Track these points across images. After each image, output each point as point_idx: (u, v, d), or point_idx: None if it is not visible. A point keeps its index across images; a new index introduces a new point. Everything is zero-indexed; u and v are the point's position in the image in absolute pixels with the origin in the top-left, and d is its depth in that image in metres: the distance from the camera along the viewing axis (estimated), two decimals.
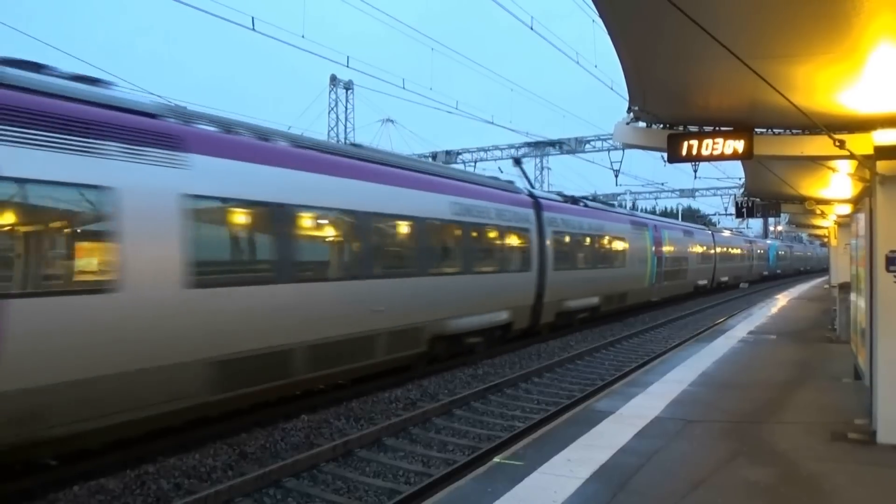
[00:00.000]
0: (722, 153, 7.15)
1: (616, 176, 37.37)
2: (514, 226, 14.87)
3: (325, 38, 21.73)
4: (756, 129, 7.21)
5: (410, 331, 11.14)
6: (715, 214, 63.06)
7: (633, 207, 57.76)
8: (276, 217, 8.55)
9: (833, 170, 9.02)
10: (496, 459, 6.33)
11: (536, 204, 16.34)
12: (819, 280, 44.77)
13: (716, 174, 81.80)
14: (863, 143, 6.63)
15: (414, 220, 11.29)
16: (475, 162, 39.10)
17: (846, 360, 10.79)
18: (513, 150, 40.80)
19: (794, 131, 7.21)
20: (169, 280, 7.07)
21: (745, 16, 4.60)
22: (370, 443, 8.34)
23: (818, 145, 6.92)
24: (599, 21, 4.99)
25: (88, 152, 6.44)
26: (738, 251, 42.60)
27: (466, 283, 12.73)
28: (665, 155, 7.44)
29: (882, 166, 6.59)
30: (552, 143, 39.01)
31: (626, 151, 35.49)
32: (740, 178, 25.47)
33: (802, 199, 15.43)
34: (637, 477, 5.74)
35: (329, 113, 47.96)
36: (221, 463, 7.54)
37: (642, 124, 7.67)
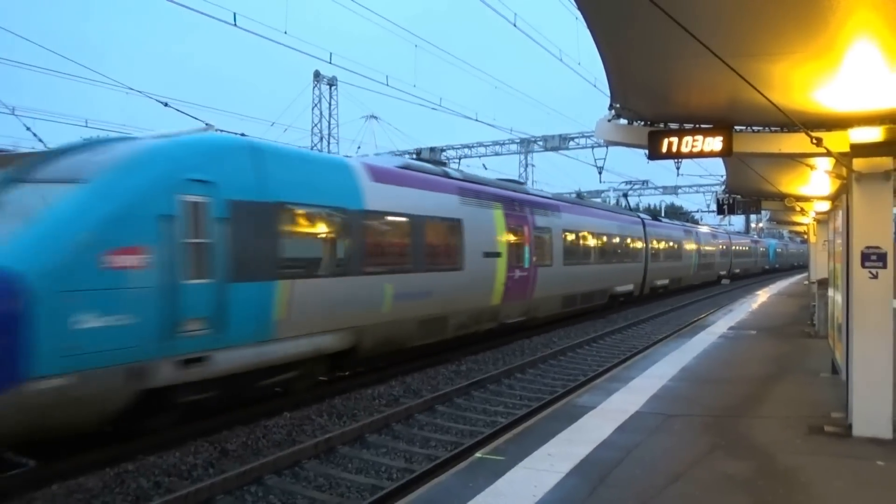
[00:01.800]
0: (702, 150, 7.23)
1: (599, 173, 37.79)
2: (634, 236, 25.67)
3: (309, 35, 21.65)
4: (735, 127, 7.29)
5: (600, 292, 21.59)
6: (697, 211, 63.69)
7: (622, 204, 58.16)
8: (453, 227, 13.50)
9: (811, 167, 9.14)
10: (478, 455, 6.36)
11: (643, 222, 27.80)
12: (800, 276, 45.33)
13: (698, 171, 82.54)
14: (839, 141, 6.73)
15: (602, 234, 21.91)
16: (459, 159, 39.18)
17: (824, 355, 10.96)
18: (497, 147, 40.91)
19: (772, 129, 7.29)
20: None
21: (724, 14, 4.65)
22: (352, 439, 8.34)
23: (796, 143, 7.01)
24: (583, 19, 5.02)
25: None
26: (747, 248, 54.81)
27: (622, 267, 23.69)
28: (647, 152, 7.55)
29: (858, 164, 6.71)
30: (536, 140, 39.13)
31: (610, 148, 35.83)
32: (722, 176, 25.75)
33: (782, 197, 15.61)
34: (616, 471, 5.80)
35: (313, 109, 47.72)
36: (202, 461, 7.50)
37: (624, 121, 7.73)
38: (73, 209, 6.80)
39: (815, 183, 12.96)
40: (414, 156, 40.23)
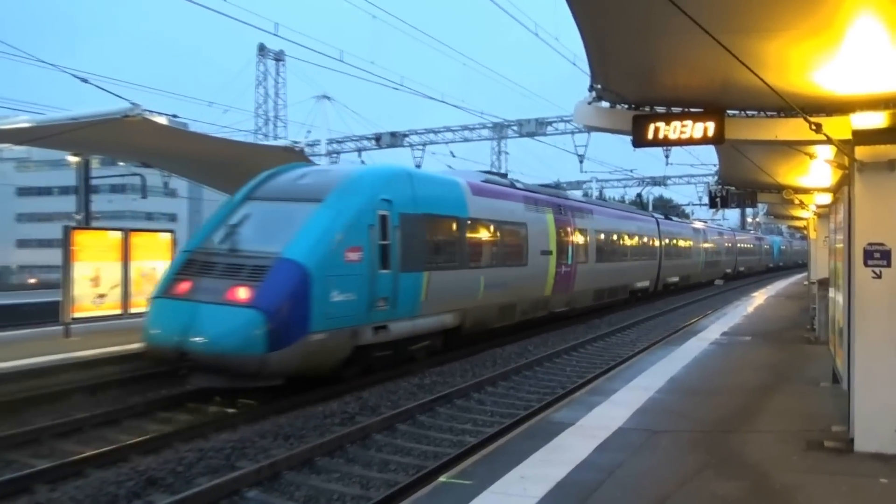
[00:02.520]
0: (691, 137, 7.32)
1: (581, 161, 38.15)
2: (650, 235, 30.54)
3: (252, 2, 21.35)
4: (728, 111, 7.40)
5: (622, 287, 26.00)
6: (688, 204, 64.78)
7: (601, 195, 58.85)
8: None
9: (811, 156, 9.32)
10: (442, 479, 6.35)
11: (657, 221, 32.93)
12: (800, 275, 46.37)
13: (689, 160, 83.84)
14: (840, 127, 6.87)
15: (626, 234, 26.72)
16: (424, 145, 39.15)
17: (825, 363, 11.20)
18: (467, 132, 40.99)
19: (768, 113, 7.42)
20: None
21: None
22: (300, 463, 8.26)
23: (794, 129, 7.14)
24: None
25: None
26: (751, 246, 60.59)
27: (641, 265, 28.51)
28: (631, 138, 7.61)
29: (860, 152, 6.84)
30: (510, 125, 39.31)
31: (592, 135, 36.16)
32: (715, 165, 26.19)
33: (780, 188, 15.91)
34: (597, 494, 5.84)
35: (257, 87, 47.18)
36: (126, 491, 7.35)
37: (605, 104, 7.79)
38: (325, 222, 11.30)
39: (815, 173, 13.22)
40: (374, 141, 40.12)
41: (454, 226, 14.98)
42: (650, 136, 7.30)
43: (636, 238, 28.51)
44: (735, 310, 23.37)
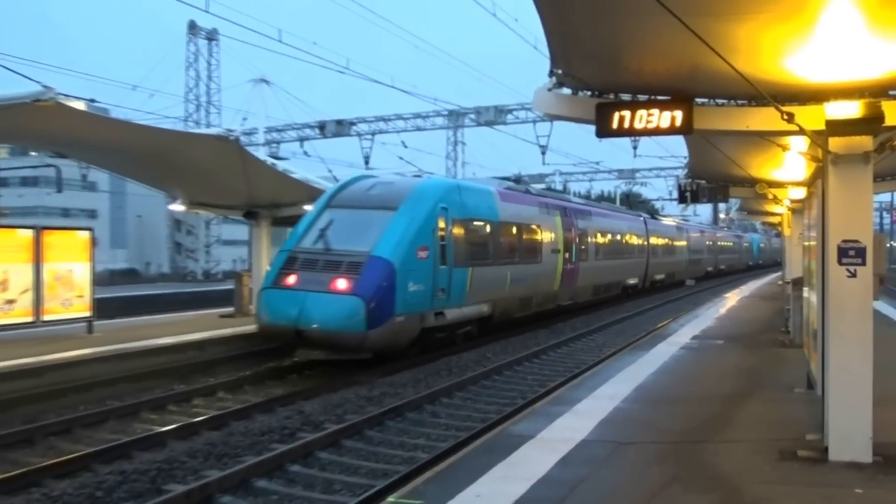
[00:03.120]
0: (658, 126, 7.43)
1: (543, 153, 38.45)
2: (639, 234, 34.68)
3: None
4: (697, 99, 7.53)
5: (616, 283, 30.05)
6: (658, 199, 65.82)
7: (565, 189, 59.39)
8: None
9: (784, 147, 9.55)
10: (390, 499, 6.34)
11: (644, 220, 37.29)
12: (776, 275, 47.52)
13: (658, 152, 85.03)
14: (814, 117, 7.06)
15: (619, 233, 30.71)
16: (373, 134, 39.01)
17: (799, 367, 11.51)
18: (420, 121, 40.99)
19: (739, 102, 7.58)
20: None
21: None
22: (235, 485, 8.17)
23: (765, 119, 7.30)
24: None
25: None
26: (732, 244, 65.79)
27: (632, 262, 32.52)
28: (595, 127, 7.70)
29: (834, 143, 7.04)
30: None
31: (555, 124, 36.48)
32: (685, 157, 26.66)
33: (753, 182, 16.26)
34: None
35: (187, 69, 46.44)
36: None
37: (567, 91, 7.86)
38: (402, 226, 15.06)
39: (789, 166, 13.54)
40: (317, 129, 39.78)
41: (488, 228, 19.16)
42: (615, 125, 7.39)
43: (628, 237, 33.27)
44: (707, 312, 23.84)
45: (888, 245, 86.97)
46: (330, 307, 14.12)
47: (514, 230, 20.66)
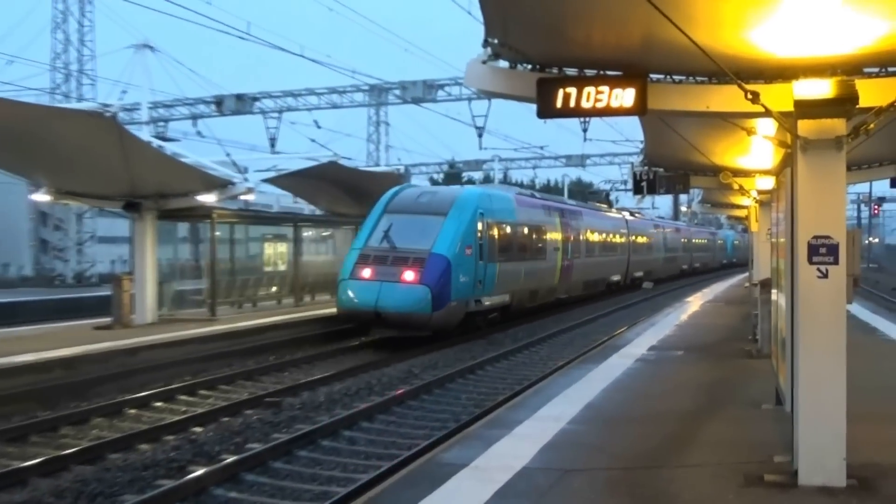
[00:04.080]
0: (608, 106, 7.55)
1: (479, 136, 38.69)
2: (621, 232, 42.63)
3: None
4: (651, 76, 7.68)
5: (602, 280, 38.57)
6: (611, 189, 66.96)
7: (505, 177, 59.97)
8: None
9: (749, 131, 9.76)
10: None
11: (625, 218, 45.67)
12: (743, 276, 48.86)
13: (612, 135, 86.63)
14: (781, 97, 7.26)
15: (604, 232, 39.42)
16: (280, 111, 38.63)
17: (767, 381, 11.84)
18: (336, 97, 40.75)
19: (698, 79, 7.75)
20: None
21: None
22: None
23: (728, 98, 7.47)
24: None
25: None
26: (705, 241, 73.99)
27: (615, 259, 40.96)
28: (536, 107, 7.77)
29: (804, 127, 7.25)
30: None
31: (494, 103, 36.76)
32: (642, 142, 27.17)
33: (716, 170, 16.65)
34: None
35: (54, 31, 45.19)
36: None
37: (504, 64, 7.90)
38: (452, 228, 22.14)
39: (756, 153, 13.91)
40: (213, 106, 39.18)
41: (509, 229, 26.04)
42: (559, 104, 7.47)
43: (613, 236, 41.40)
44: (666, 319, 24.37)
45: (866, 242, 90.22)
46: (402, 294, 20.85)
47: (527, 231, 28.26)
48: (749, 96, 6.77)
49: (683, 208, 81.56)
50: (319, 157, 27.40)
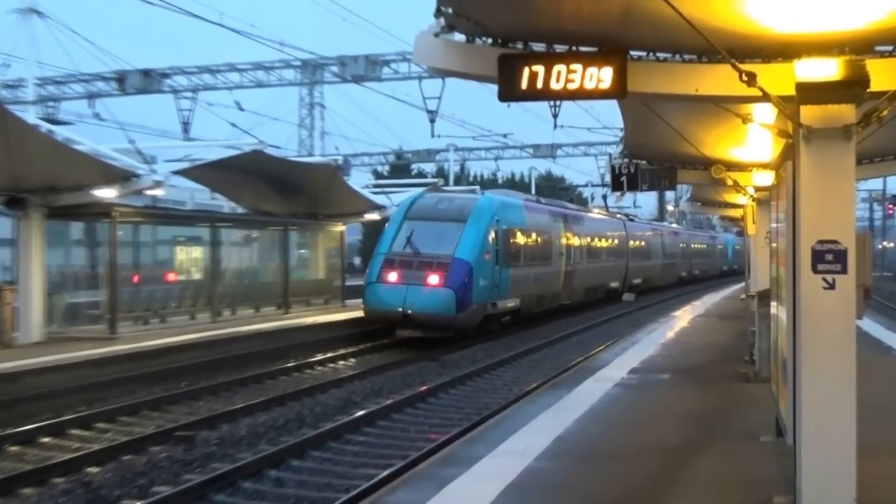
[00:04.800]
0: (581, 87, 7.55)
1: (432, 121, 38.55)
2: (620, 238, 49.94)
3: None
4: (631, 52, 7.71)
5: (602, 286, 45.39)
6: (586, 185, 67.38)
7: (462, 170, 60.05)
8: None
9: (745, 118, 9.87)
10: None
11: (624, 223, 52.94)
12: (740, 285, 49.40)
13: (586, 122, 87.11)
14: (781, 79, 7.33)
15: (603, 237, 46.52)
16: (195, 90, 38.27)
17: (766, 409, 11.93)
18: (262, 73, 40.58)
19: (686, 57, 7.81)
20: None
21: None
22: None
23: (719, 80, 7.52)
24: None
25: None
26: (705, 247, 79.91)
27: (613, 265, 47.88)
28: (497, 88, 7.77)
29: (807, 114, 7.31)
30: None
31: (448, 83, 36.66)
32: (622, 130, 27.41)
33: (707, 164, 16.87)
34: None
35: None
36: None
37: (460, 37, 7.90)
38: (472, 235, 28.33)
39: (753, 143, 14.12)
40: (115, 83, 38.74)
41: (520, 235, 32.10)
42: (524, 84, 7.46)
43: (612, 241, 47.49)
44: (650, 336, 24.56)
45: (878, 247, 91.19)
46: (428, 297, 26.16)
47: (535, 236, 34.36)
48: (744, 78, 6.82)
49: (670, 207, 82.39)
50: (242, 145, 27.22)
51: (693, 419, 12.53)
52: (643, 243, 56.01)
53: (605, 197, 64.45)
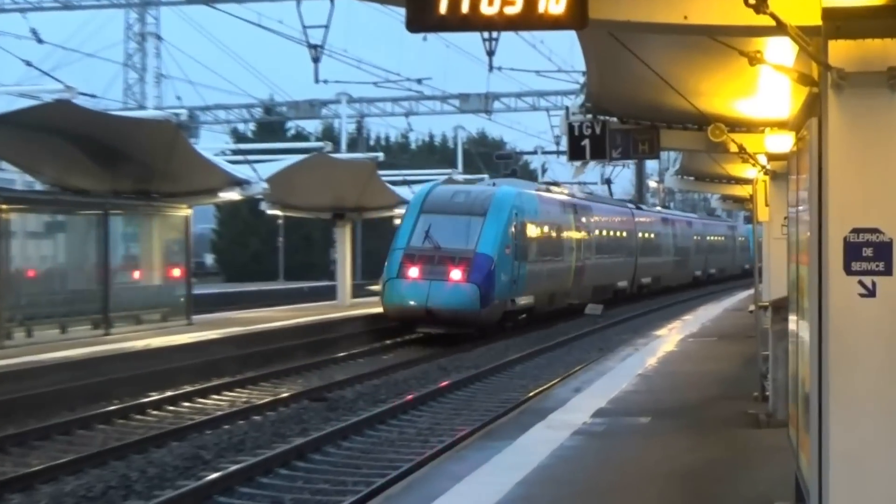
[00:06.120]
0: (525, 11, 7.55)
1: (316, 60, 38.45)
2: (629, 231, 66.24)
3: None
4: None
5: (610, 286, 61.54)
6: (535, 152, 67.73)
7: (359, 130, 60.05)
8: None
9: (753, 59, 9.95)
10: None
11: (632, 212, 70.62)
12: (748, 293, 50.03)
13: (534, 63, 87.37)
14: (801, 3, 7.41)
15: (612, 230, 63.88)
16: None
17: (783, 463, 12.03)
18: None
19: None
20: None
21: None
22: None
23: (717, 4, 7.59)
24: None
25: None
26: (723, 239, 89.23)
27: (622, 261, 64.93)
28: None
29: (839, 52, 7.39)
30: None
31: (339, 6, 36.48)
32: (584, 75, 27.48)
33: (702, 122, 16.92)
34: None
35: None
36: None
37: None
38: (493, 228, 43.55)
39: (764, 94, 14.19)
40: None
41: (535, 228, 44.46)
42: (441, 8, 7.43)
43: (620, 233, 59.14)
44: (623, 363, 24.62)
45: None
46: (452, 292, 36.52)
47: (548, 229, 45.77)
48: (752, 1, 6.88)
49: (652, 183, 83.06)
50: (40, 92, 26.84)
51: (682, 481, 12.52)
52: (653, 235, 67.80)
53: (608, 181, 74.46)
